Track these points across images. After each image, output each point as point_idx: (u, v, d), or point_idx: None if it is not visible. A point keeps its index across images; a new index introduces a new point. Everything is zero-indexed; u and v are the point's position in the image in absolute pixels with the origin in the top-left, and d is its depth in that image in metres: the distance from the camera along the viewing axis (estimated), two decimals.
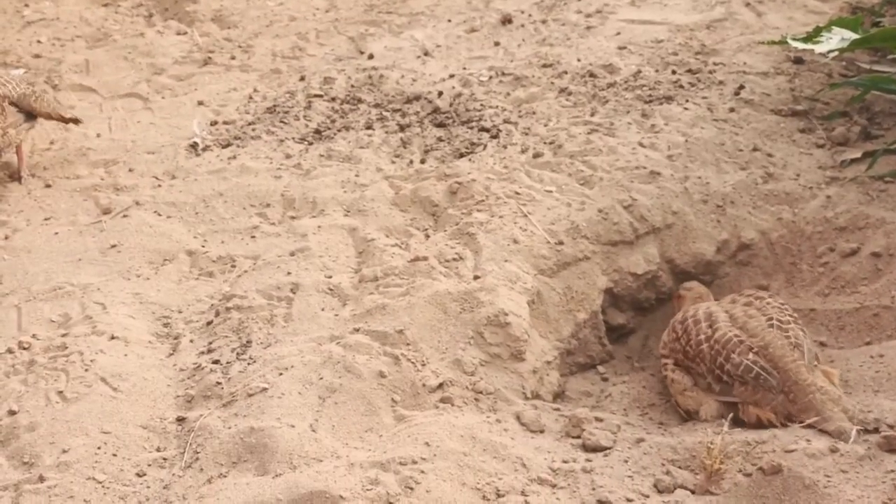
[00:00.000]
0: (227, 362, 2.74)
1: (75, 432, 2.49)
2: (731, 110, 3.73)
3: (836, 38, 3.62)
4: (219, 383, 2.65)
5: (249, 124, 4.15)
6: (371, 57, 4.74)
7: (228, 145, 3.99)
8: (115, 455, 2.44)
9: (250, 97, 4.44)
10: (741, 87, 3.88)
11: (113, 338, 2.86)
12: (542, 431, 2.52)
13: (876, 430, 2.32)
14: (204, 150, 3.97)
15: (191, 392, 2.66)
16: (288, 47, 4.95)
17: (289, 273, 3.08)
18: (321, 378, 2.59)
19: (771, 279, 3.14)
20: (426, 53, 4.71)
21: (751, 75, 3.98)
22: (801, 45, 3.74)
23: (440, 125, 3.96)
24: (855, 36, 3.60)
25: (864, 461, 2.22)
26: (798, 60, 4.07)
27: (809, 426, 2.36)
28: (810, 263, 3.12)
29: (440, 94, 4.20)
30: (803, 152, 3.48)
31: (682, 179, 3.32)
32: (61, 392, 2.64)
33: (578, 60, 4.34)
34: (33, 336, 2.90)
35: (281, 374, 2.62)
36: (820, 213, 3.19)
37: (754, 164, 3.40)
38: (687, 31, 4.51)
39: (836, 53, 3.74)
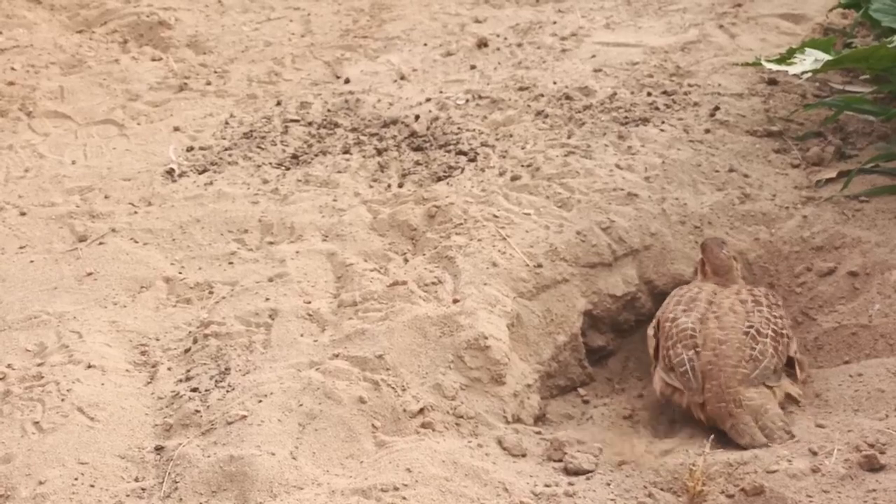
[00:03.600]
0: (206, 390, 2.72)
1: (52, 463, 2.46)
2: (707, 131, 3.75)
3: (809, 60, 3.65)
4: (197, 411, 2.63)
5: (226, 150, 4.14)
6: (347, 81, 4.74)
7: (205, 171, 3.97)
8: (92, 486, 2.41)
9: (226, 123, 4.42)
10: (716, 108, 3.91)
11: (90, 367, 2.83)
12: (523, 455, 2.51)
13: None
14: (180, 176, 3.95)
15: (169, 421, 2.64)
16: (264, 72, 4.95)
17: (267, 299, 3.07)
18: (301, 405, 2.57)
19: None
20: (402, 77, 4.72)
21: (725, 97, 4.01)
22: (774, 67, 3.76)
23: (417, 149, 3.96)
24: (827, 57, 3.63)
25: (845, 481, 2.23)
26: (772, 81, 4.10)
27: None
28: (788, 283, 3.14)
29: (417, 117, 4.20)
30: (779, 173, 3.51)
31: (660, 201, 3.34)
32: (37, 422, 2.61)
33: (554, 83, 4.36)
34: (8, 366, 2.87)
35: (260, 401, 2.60)
36: (797, 232, 3.21)
37: (731, 185, 3.42)
38: (661, 54, 4.54)
39: (809, 74, 3.77)
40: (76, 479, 2.43)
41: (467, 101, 4.34)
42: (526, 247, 3.16)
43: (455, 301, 2.92)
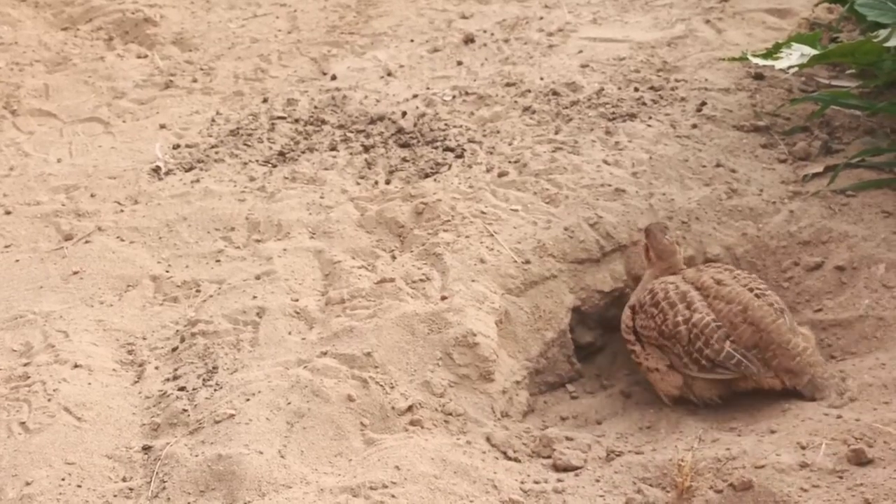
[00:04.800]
0: (194, 389, 2.71)
1: (38, 464, 2.45)
2: (694, 127, 3.75)
3: (796, 54, 3.65)
4: (185, 410, 2.62)
5: (212, 147, 4.12)
6: (334, 78, 4.73)
7: (191, 169, 3.96)
8: (79, 486, 2.40)
9: (213, 120, 4.41)
10: (703, 103, 3.91)
11: (76, 366, 2.82)
12: (512, 452, 2.51)
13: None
14: (167, 174, 3.94)
15: (156, 420, 2.63)
16: (250, 69, 4.94)
17: (254, 297, 3.06)
18: (289, 403, 2.56)
19: None
20: (389, 74, 4.70)
21: (712, 92, 4.01)
22: (761, 62, 3.76)
23: (404, 145, 3.96)
24: (814, 52, 3.63)
25: (833, 475, 2.23)
26: (758, 76, 4.11)
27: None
28: (775, 278, 3.14)
29: (404, 114, 4.19)
30: (766, 167, 3.51)
31: (647, 196, 3.33)
32: (24, 423, 2.59)
33: (541, 79, 4.35)
34: None
35: (248, 399, 2.59)
36: (784, 227, 3.21)
37: (718, 180, 3.42)
38: (648, 49, 4.54)
39: (795, 69, 3.77)
40: (63, 479, 2.42)
41: (454, 97, 4.33)
42: (514, 243, 3.15)
43: (443, 298, 2.92)
